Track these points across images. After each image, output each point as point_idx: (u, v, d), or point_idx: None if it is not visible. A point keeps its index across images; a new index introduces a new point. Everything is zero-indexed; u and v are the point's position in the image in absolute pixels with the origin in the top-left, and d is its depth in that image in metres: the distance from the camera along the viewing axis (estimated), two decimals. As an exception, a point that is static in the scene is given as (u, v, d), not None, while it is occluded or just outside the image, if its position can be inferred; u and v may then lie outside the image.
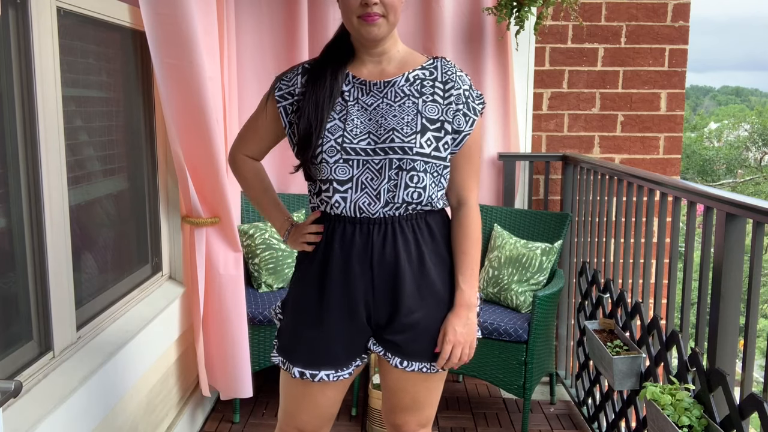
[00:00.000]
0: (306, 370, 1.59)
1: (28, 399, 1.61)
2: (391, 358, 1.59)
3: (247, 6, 3.15)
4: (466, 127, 1.56)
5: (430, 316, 1.58)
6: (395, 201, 1.52)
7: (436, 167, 1.53)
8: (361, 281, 1.55)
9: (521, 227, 3.15)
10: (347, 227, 1.55)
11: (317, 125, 1.52)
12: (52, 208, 1.77)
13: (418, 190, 1.52)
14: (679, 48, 3.35)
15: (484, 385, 3.32)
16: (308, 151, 1.53)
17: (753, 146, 20.64)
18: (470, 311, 1.58)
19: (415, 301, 1.56)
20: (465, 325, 1.57)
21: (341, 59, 1.58)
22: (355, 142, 1.51)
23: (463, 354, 1.58)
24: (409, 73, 1.56)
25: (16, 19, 1.64)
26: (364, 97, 1.55)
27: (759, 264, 1.69)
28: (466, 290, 1.58)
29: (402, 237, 1.54)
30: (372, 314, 1.58)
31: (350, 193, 1.52)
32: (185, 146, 2.33)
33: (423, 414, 1.67)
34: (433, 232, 1.58)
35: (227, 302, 2.57)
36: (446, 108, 1.54)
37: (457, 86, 1.56)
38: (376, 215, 1.53)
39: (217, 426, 2.86)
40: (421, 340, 1.58)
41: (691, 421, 1.81)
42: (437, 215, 1.60)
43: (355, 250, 1.54)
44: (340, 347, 1.59)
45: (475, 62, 3.23)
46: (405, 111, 1.52)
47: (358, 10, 1.47)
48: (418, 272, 1.56)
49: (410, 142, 1.50)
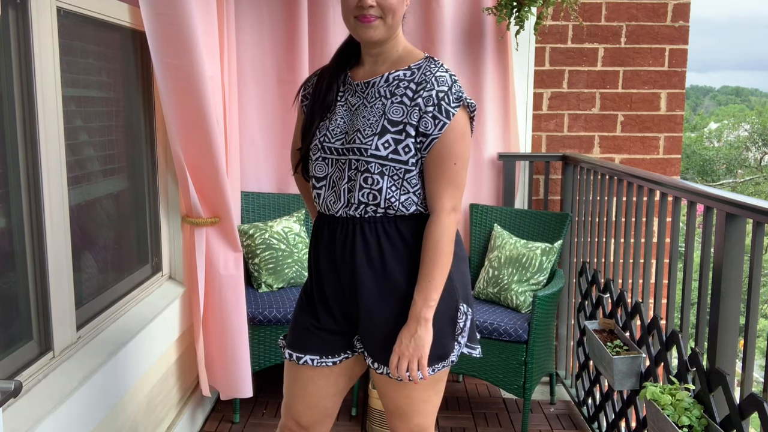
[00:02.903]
0: (294, 352, 1.66)
1: (28, 399, 1.61)
2: (366, 357, 1.62)
3: (247, 6, 3.15)
4: (434, 131, 1.48)
5: (395, 321, 1.54)
6: (353, 201, 1.54)
7: (396, 170, 1.50)
8: (330, 277, 1.61)
9: (521, 227, 3.15)
10: (320, 223, 1.63)
11: (308, 128, 1.61)
12: (52, 208, 1.77)
13: (373, 192, 1.52)
14: (679, 48, 3.35)
15: (484, 385, 3.32)
16: (302, 150, 1.64)
17: (753, 146, 20.63)
18: (420, 325, 1.50)
19: (375, 304, 1.55)
20: (412, 339, 1.50)
21: (344, 64, 1.63)
22: (332, 141, 1.57)
23: (411, 369, 1.51)
24: (390, 74, 1.55)
25: (16, 19, 1.64)
26: (351, 98, 1.59)
27: (759, 264, 1.69)
28: (418, 302, 1.50)
29: (362, 239, 1.54)
30: (346, 312, 1.62)
31: (323, 190, 1.59)
32: (185, 146, 2.33)
33: (412, 422, 1.66)
34: (404, 238, 1.55)
35: (227, 302, 2.57)
36: (411, 110, 1.49)
37: (429, 87, 1.50)
38: (339, 214, 1.57)
39: (217, 426, 2.86)
40: (385, 345, 1.56)
41: (691, 421, 1.81)
42: (410, 221, 1.55)
43: (324, 248, 1.60)
44: (325, 335, 1.64)
45: (475, 62, 3.23)
46: (373, 112, 1.53)
47: (354, 11, 1.49)
48: (380, 275, 1.54)
49: (367, 143, 1.50)
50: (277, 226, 3.06)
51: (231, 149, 2.76)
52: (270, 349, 2.83)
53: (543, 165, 3.38)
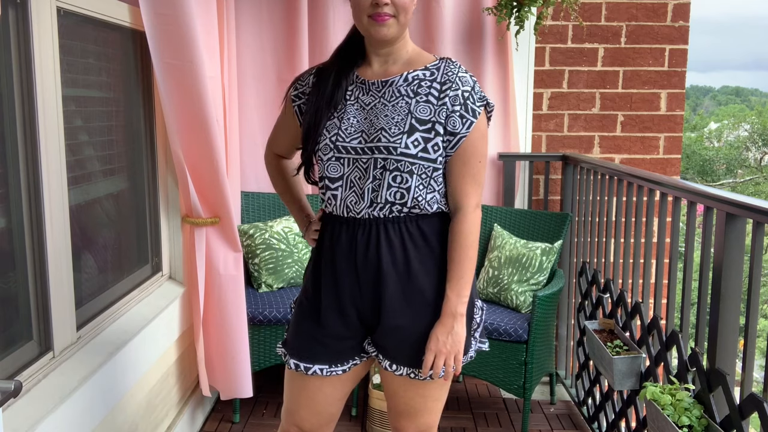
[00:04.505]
0: (301, 362, 1.61)
1: (28, 399, 1.61)
2: (382, 360, 1.60)
3: (247, 6, 3.15)
4: (462, 129, 1.52)
5: (418, 321, 1.55)
6: (378, 201, 1.52)
7: (425, 169, 1.51)
8: (347, 281, 1.57)
9: (521, 227, 3.15)
10: (336, 226, 1.58)
11: (314, 126, 1.56)
12: (52, 208, 1.77)
13: (401, 191, 1.51)
14: (679, 48, 3.35)
15: (484, 385, 3.32)
16: (307, 150, 1.59)
17: (753, 146, 20.64)
18: (456, 321, 1.53)
19: (399, 305, 1.55)
20: (449, 335, 1.52)
21: (350, 61, 1.60)
22: (347, 140, 1.53)
23: (447, 365, 1.53)
24: (408, 73, 1.55)
25: (16, 19, 1.64)
26: (363, 97, 1.56)
27: (759, 264, 1.69)
28: (453, 298, 1.53)
29: (386, 239, 1.54)
30: (362, 314, 1.59)
31: (341, 191, 1.55)
32: (185, 146, 2.33)
33: (420, 420, 1.66)
34: (426, 237, 1.56)
35: (227, 302, 2.57)
36: (439, 109, 1.52)
37: (454, 87, 1.53)
38: (362, 215, 1.54)
39: (217, 426, 2.86)
40: (407, 345, 1.56)
41: (691, 421, 1.81)
42: (432, 220, 1.57)
43: (341, 250, 1.57)
44: (333, 343, 1.61)
45: (475, 62, 3.23)
46: (396, 111, 1.52)
47: (368, 10, 1.47)
48: (404, 276, 1.54)
49: (395, 142, 1.49)
50: (277, 226, 3.06)
51: (231, 149, 2.76)
52: (270, 349, 2.83)
53: (543, 165, 3.38)
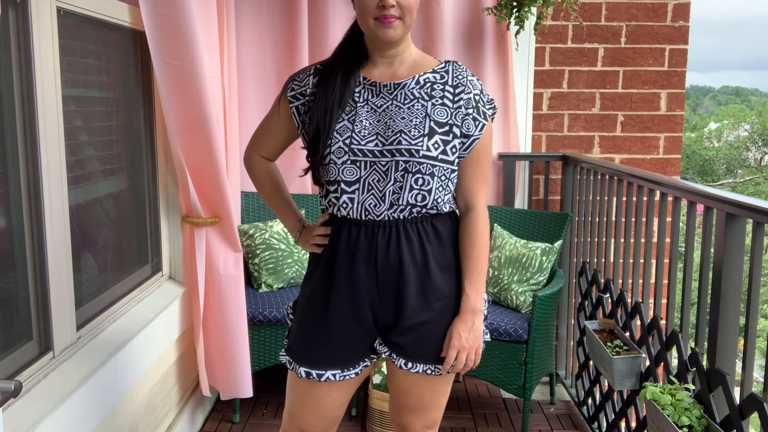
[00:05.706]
0: (312, 369, 1.59)
1: (28, 399, 1.61)
2: (396, 359, 1.59)
3: (247, 6, 3.15)
4: (475, 132, 1.55)
5: (436, 319, 1.57)
6: (400, 203, 1.52)
7: (444, 170, 1.53)
8: (365, 283, 1.55)
9: (521, 227, 3.15)
10: (353, 229, 1.56)
11: (325, 129, 1.53)
12: (52, 208, 1.77)
13: (423, 193, 1.52)
14: (679, 48, 3.35)
15: (484, 385, 3.32)
16: (317, 153, 1.54)
17: (753, 146, 20.64)
18: (476, 316, 1.57)
19: (419, 303, 1.56)
20: (470, 331, 1.56)
21: (354, 61, 1.58)
22: (363, 143, 1.52)
23: (468, 360, 1.57)
24: (420, 76, 1.56)
25: (16, 19, 1.64)
26: (374, 99, 1.55)
27: (759, 264, 1.69)
28: (472, 295, 1.57)
29: (406, 240, 1.54)
30: (378, 316, 1.58)
31: (357, 194, 1.53)
32: (185, 146, 2.33)
33: (428, 415, 1.67)
34: (440, 236, 1.58)
35: (227, 302, 2.57)
36: (455, 112, 1.54)
37: (467, 90, 1.55)
38: (381, 217, 1.53)
39: (217, 426, 2.86)
40: (426, 343, 1.57)
41: (691, 421, 1.81)
42: (445, 219, 1.59)
43: (359, 252, 1.55)
44: (346, 347, 1.59)
45: (475, 62, 3.23)
46: (413, 113, 1.52)
47: (374, 12, 1.46)
48: (423, 275, 1.55)
49: (417, 144, 1.50)
50: (277, 226, 3.06)
51: (231, 149, 2.76)
52: (270, 349, 2.83)
53: (543, 165, 3.38)
